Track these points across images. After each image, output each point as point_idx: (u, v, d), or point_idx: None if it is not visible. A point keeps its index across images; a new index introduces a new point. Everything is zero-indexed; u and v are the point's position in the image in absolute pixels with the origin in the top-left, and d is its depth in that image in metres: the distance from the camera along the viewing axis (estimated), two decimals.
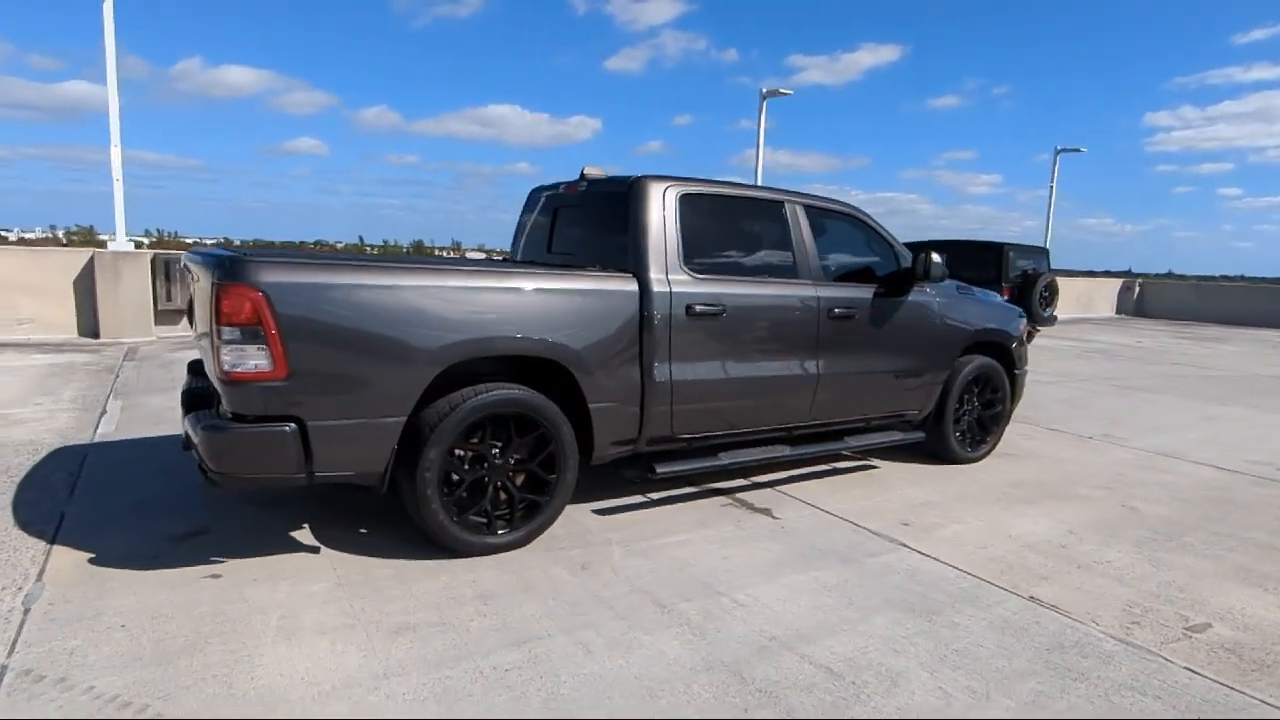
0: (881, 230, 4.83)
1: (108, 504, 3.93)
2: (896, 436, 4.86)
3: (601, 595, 3.07)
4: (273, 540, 3.52)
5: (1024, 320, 5.56)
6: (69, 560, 3.24)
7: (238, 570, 3.19)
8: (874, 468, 5.13)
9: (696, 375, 3.87)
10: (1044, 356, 11.71)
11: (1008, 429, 6.22)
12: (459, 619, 2.83)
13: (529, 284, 3.43)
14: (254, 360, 2.85)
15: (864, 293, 4.54)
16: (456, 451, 3.33)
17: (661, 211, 3.85)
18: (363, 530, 3.66)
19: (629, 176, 4.00)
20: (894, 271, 4.74)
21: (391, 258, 4.74)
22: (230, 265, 2.87)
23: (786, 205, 4.36)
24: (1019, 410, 7.16)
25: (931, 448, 5.21)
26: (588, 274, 3.70)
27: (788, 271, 4.27)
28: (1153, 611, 3.11)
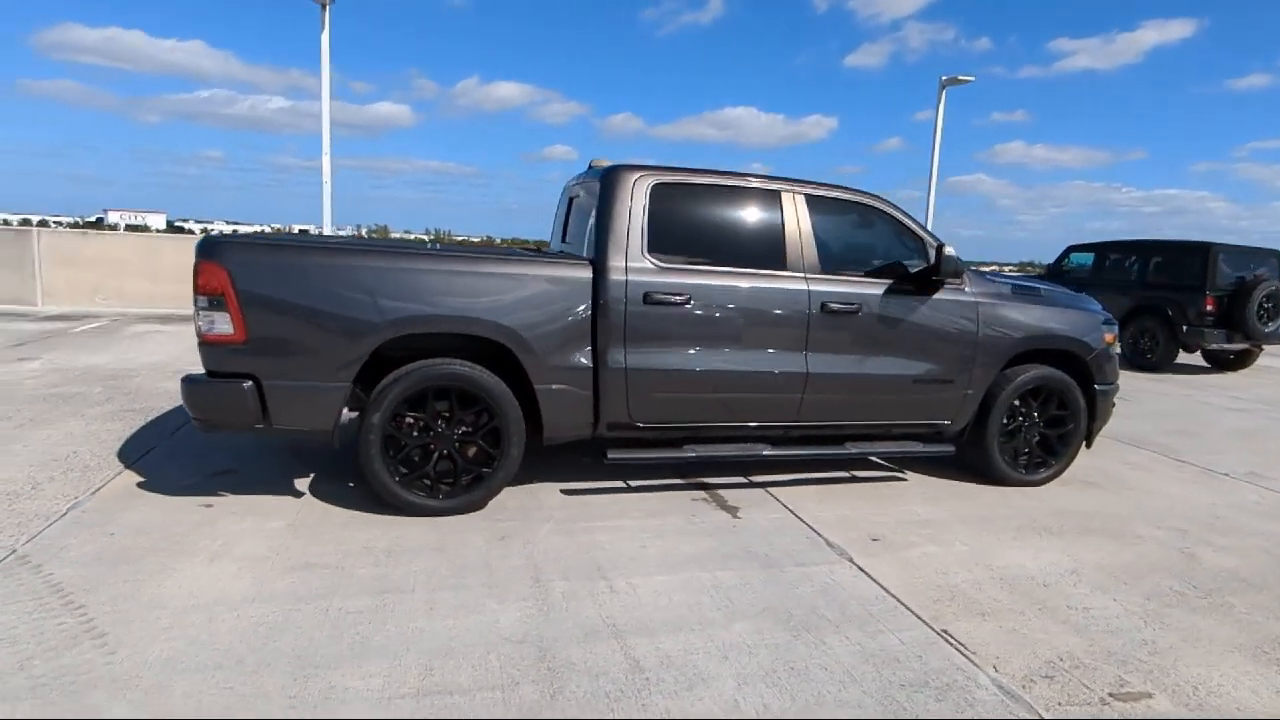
0: (912, 223, 4.41)
1: (190, 444, 4.78)
2: (917, 448, 4.43)
3: (492, 564, 3.23)
4: (274, 483, 4.10)
5: (1112, 328, 4.75)
6: (126, 481, 4.03)
7: (228, 503, 3.78)
8: (900, 479, 4.71)
9: (655, 364, 3.86)
10: (1257, 380, 9.73)
11: (1117, 454, 5.43)
12: (353, 565, 3.15)
13: (474, 268, 3.66)
14: (220, 326, 3.38)
15: (872, 289, 4.19)
16: (406, 419, 3.65)
17: (629, 201, 3.88)
18: (351, 484, 4.13)
19: (609, 166, 4.08)
20: (912, 267, 4.31)
21: (350, 241, 5.21)
22: (204, 246, 3.42)
23: (783, 195, 4.15)
24: (1148, 435, 6.16)
25: (973, 465, 4.67)
26: (540, 260, 3.85)
27: (774, 263, 4.07)
28: (1085, 669, 2.63)
